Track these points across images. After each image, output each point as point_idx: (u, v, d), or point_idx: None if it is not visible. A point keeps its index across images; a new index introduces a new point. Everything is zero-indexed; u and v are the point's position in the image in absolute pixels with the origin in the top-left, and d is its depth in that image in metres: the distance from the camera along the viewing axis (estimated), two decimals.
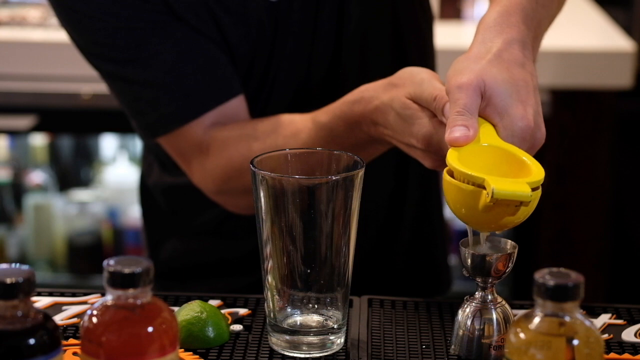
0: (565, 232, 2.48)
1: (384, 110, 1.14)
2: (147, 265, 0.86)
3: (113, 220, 2.85)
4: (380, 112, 1.15)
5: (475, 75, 1.05)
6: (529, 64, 1.09)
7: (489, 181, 0.97)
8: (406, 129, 1.12)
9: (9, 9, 2.60)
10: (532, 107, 1.06)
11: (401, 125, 1.13)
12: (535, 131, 1.06)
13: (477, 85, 1.05)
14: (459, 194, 1.00)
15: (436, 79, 1.12)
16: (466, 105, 1.04)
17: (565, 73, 2.38)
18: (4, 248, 2.81)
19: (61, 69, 2.38)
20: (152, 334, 0.86)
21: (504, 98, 1.05)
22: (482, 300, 1.04)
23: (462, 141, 1.03)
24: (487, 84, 1.05)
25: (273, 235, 1.01)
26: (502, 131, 1.05)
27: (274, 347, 1.06)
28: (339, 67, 1.36)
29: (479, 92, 1.05)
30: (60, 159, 2.91)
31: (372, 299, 1.18)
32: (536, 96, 1.07)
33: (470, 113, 1.04)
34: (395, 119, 1.13)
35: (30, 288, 0.85)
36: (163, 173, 1.48)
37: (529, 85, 1.07)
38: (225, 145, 1.28)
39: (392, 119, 1.14)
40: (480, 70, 1.06)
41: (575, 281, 0.84)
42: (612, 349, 1.08)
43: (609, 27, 2.59)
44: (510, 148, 1.04)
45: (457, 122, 1.03)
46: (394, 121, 1.13)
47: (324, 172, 1.06)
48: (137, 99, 1.32)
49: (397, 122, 1.13)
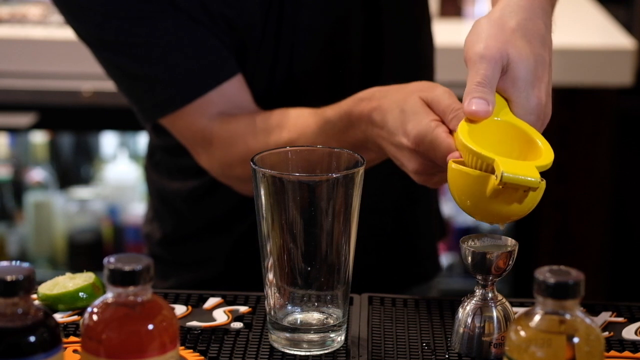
0: (565, 229, 2.48)
1: (385, 109, 1.13)
2: (147, 262, 0.86)
3: (113, 217, 2.85)
4: (381, 111, 1.13)
5: (499, 47, 1.02)
6: (548, 37, 1.07)
7: (499, 163, 0.95)
8: (401, 126, 1.09)
9: (9, 7, 2.60)
10: (545, 84, 1.05)
11: (397, 122, 1.10)
12: (545, 108, 1.05)
13: (500, 57, 1.02)
14: (466, 181, 0.99)
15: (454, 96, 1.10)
16: (487, 77, 1.01)
17: (566, 71, 2.37)
18: (4, 245, 2.81)
19: (61, 67, 2.38)
20: (152, 331, 0.86)
21: (524, 75, 1.03)
22: (483, 298, 1.04)
23: (482, 115, 1.01)
24: (510, 58, 1.03)
25: (273, 233, 1.01)
26: (517, 108, 1.03)
27: (274, 345, 1.06)
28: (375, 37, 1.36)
29: (500, 65, 1.02)
30: (60, 156, 2.91)
31: (372, 296, 1.18)
32: (550, 74, 1.06)
33: (491, 86, 1.01)
34: (394, 118, 1.11)
35: (31, 285, 0.85)
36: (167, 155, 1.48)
37: (545, 63, 1.05)
38: (231, 136, 1.29)
39: (390, 118, 1.12)
40: (505, 42, 1.03)
41: (576, 279, 0.84)
42: (612, 346, 1.08)
43: (609, 24, 2.59)
44: (523, 125, 1.02)
45: (476, 94, 1.01)
46: (392, 120, 1.11)
47: (324, 170, 1.06)
48: (133, 85, 1.34)
49: (395, 120, 1.11)
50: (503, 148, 0.99)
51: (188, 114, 1.31)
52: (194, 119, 1.31)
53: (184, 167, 1.43)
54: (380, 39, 1.38)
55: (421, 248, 1.53)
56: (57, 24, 2.46)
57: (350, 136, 1.19)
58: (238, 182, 1.33)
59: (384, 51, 1.38)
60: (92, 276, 1.15)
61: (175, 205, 1.49)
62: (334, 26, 1.36)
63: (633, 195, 2.71)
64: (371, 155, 1.19)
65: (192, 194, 1.45)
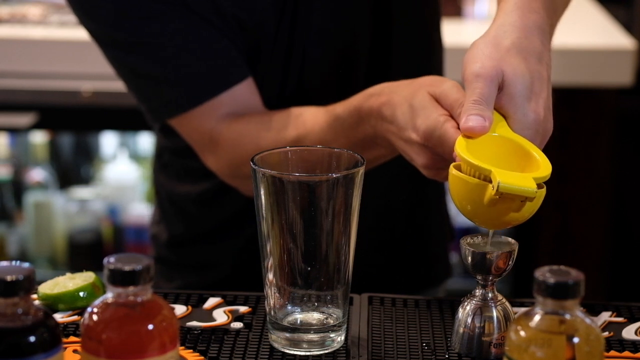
0: (565, 229, 2.48)
1: (395, 104, 1.13)
2: (147, 262, 0.86)
3: (113, 217, 2.85)
4: (390, 106, 1.14)
5: (494, 65, 1.04)
6: (546, 54, 1.08)
7: (495, 174, 0.96)
8: (410, 121, 1.10)
9: (9, 7, 2.60)
10: (543, 101, 1.05)
11: (407, 117, 1.11)
12: (545, 123, 1.05)
13: (495, 75, 1.04)
14: (465, 187, 1.00)
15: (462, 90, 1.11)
16: (483, 94, 1.03)
17: (566, 71, 2.37)
18: (4, 245, 2.81)
19: (61, 67, 2.38)
20: (152, 331, 0.86)
21: (520, 90, 1.04)
22: (483, 298, 1.04)
23: (478, 131, 1.02)
24: (505, 75, 1.04)
25: (273, 233, 1.01)
26: (514, 124, 1.04)
27: (274, 345, 1.06)
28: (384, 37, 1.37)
29: (496, 83, 1.04)
30: (60, 156, 2.91)
31: (372, 296, 1.18)
32: (549, 89, 1.07)
33: (487, 103, 1.03)
34: (403, 113, 1.11)
35: (31, 285, 0.85)
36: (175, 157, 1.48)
37: (543, 78, 1.06)
38: (240, 135, 1.29)
39: (399, 113, 1.12)
40: (499, 60, 1.04)
41: (576, 279, 0.84)
42: (612, 346, 1.08)
43: (609, 24, 2.59)
44: (521, 140, 1.03)
45: (473, 111, 1.02)
46: (401, 115, 1.12)
47: (324, 170, 1.06)
48: (142, 85, 1.34)
49: (404, 115, 1.11)
50: (501, 162, 1.01)
51: (196, 115, 1.31)
52: (202, 120, 1.31)
53: (193, 169, 1.43)
54: (389, 42, 1.38)
55: (432, 250, 1.53)
56: (57, 24, 2.46)
57: (360, 132, 1.19)
58: (247, 182, 1.33)
59: (392, 54, 1.39)
60: (92, 275, 1.15)
61: (183, 207, 1.49)
62: (345, 29, 1.36)
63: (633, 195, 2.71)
64: (380, 151, 1.19)
65: (201, 196, 1.45)
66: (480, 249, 1.02)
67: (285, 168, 1.05)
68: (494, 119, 1.04)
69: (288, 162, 1.06)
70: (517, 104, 1.04)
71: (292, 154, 1.07)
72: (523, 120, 1.04)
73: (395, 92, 1.15)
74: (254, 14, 1.31)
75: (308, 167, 1.06)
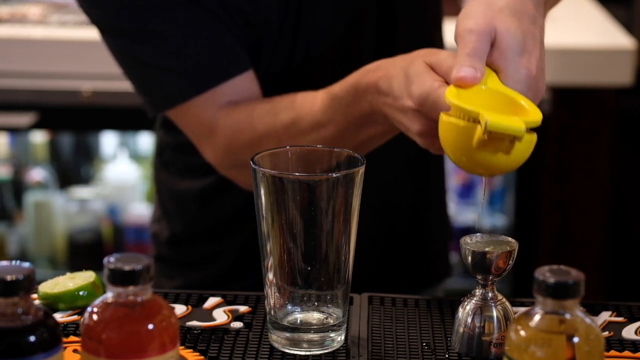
0: (565, 229, 2.48)
1: (391, 76, 1.13)
2: (147, 262, 0.86)
3: (113, 217, 2.85)
4: (387, 79, 1.14)
5: (487, 21, 1.05)
6: (540, 19, 1.09)
7: (484, 114, 0.97)
8: (405, 89, 1.10)
9: (9, 6, 2.60)
10: (535, 58, 1.06)
11: (402, 86, 1.11)
12: (537, 81, 1.06)
13: (488, 31, 1.05)
14: (455, 131, 1.00)
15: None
16: (476, 48, 1.04)
17: (566, 71, 2.37)
18: (4, 245, 2.81)
19: (61, 66, 2.38)
20: (152, 331, 0.86)
21: (512, 46, 1.05)
22: (483, 298, 1.04)
23: (469, 81, 1.03)
24: (498, 31, 1.05)
25: (273, 233, 1.01)
26: (506, 78, 1.05)
27: (274, 345, 1.06)
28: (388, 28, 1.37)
29: (489, 38, 1.05)
30: (60, 156, 2.91)
31: (372, 296, 1.18)
32: (542, 50, 1.08)
33: (479, 57, 1.04)
34: (398, 82, 1.12)
35: (31, 285, 0.85)
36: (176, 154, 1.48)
37: (535, 38, 1.07)
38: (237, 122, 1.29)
39: (395, 84, 1.12)
40: (492, 18, 1.05)
41: (576, 279, 0.84)
42: (612, 346, 1.08)
43: (609, 24, 2.59)
44: (511, 93, 1.04)
45: (465, 63, 1.03)
46: (397, 85, 1.12)
47: (324, 170, 1.06)
48: (143, 74, 1.34)
49: (400, 85, 1.11)
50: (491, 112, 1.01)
51: (197, 105, 1.31)
52: (201, 110, 1.31)
53: (194, 166, 1.43)
54: (392, 40, 1.39)
55: (433, 248, 1.54)
56: (57, 23, 2.46)
57: (356, 109, 1.19)
58: (244, 171, 1.32)
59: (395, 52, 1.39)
60: (92, 275, 1.15)
61: (184, 204, 1.49)
62: (349, 27, 1.37)
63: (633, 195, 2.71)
64: (377, 128, 1.20)
65: (202, 193, 1.46)
66: (480, 248, 1.02)
67: (285, 168, 1.05)
68: (487, 74, 1.05)
69: (288, 162, 1.06)
70: (508, 59, 1.05)
71: (292, 153, 1.07)
72: (514, 74, 1.05)
73: (392, 65, 1.15)
74: (258, 10, 1.32)
75: (308, 166, 1.06)
